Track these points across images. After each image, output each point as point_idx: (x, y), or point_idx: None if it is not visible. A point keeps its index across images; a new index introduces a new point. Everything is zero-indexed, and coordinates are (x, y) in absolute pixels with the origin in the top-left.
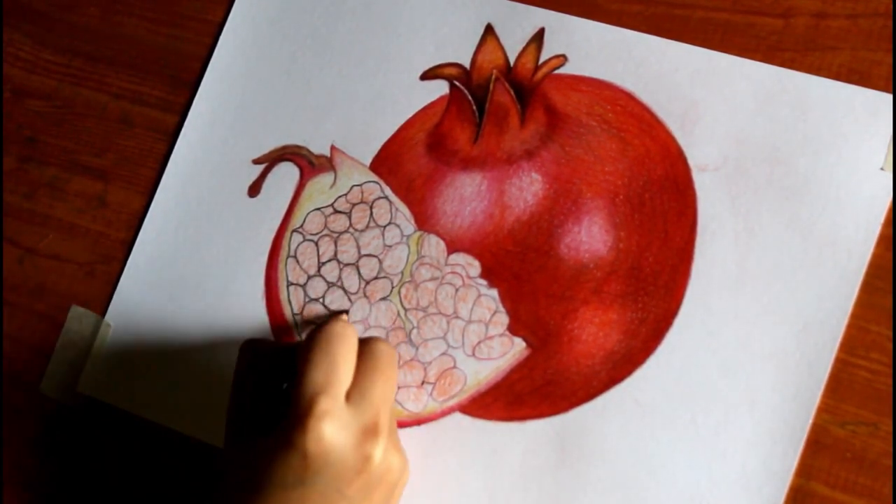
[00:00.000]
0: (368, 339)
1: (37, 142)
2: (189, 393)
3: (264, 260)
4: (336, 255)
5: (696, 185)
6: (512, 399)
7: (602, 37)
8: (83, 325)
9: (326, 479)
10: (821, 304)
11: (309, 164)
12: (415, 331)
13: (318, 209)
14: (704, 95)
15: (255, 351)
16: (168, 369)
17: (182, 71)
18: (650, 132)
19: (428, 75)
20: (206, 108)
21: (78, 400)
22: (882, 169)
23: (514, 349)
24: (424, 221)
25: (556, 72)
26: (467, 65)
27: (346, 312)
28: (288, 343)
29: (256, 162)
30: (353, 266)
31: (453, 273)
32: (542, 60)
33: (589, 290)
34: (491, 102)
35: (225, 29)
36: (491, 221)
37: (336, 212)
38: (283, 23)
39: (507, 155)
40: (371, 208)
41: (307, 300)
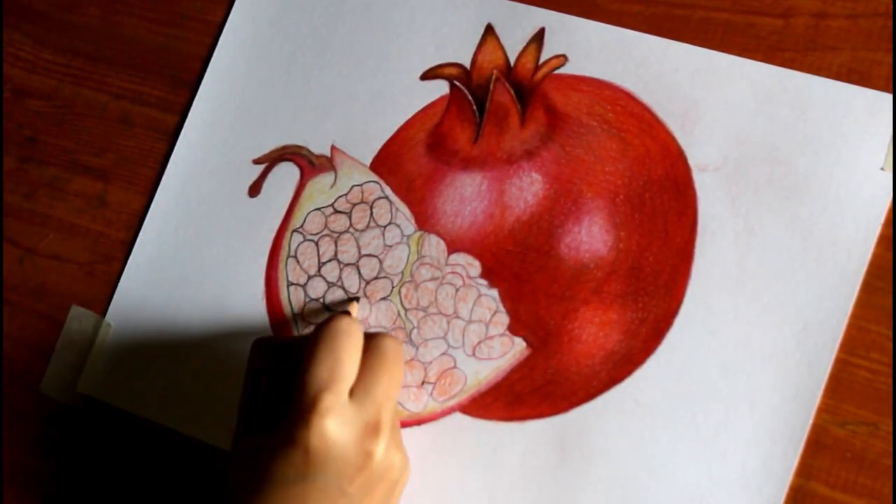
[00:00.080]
0: (375, 334)
1: (37, 142)
2: (189, 393)
3: (264, 260)
4: (336, 255)
5: (696, 185)
6: (512, 399)
7: (602, 37)
8: (83, 325)
9: (327, 475)
10: (821, 304)
11: (309, 164)
12: (415, 331)
13: (319, 209)
14: (704, 95)
15: (266, 347)
16: (168, 369)
17: (182, 71)
18: (650, 132)
19: (428, 75)
20: (206, 108)
21: (78, 400)
22: (882, 169)
23: (515, 349)
24: (425, 221)
25: (557, 72)
26: (467, 65)
27: (357, 300)
28: (298, 338)
29: (257, 162)
30: (353, 266)
31: (453, 273)
32: (542, 60)
33: (589, 290)
34: (491, 102)
35: (225, 29)
36: (491, 221)
37: (336, 212)
38: (283, 23)
39: (507, 155)
40: (371, 208)
41: (307, 300)
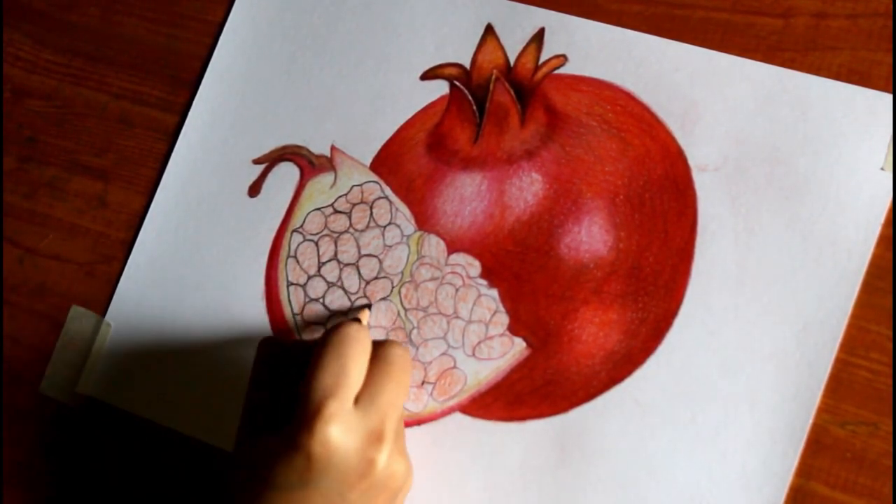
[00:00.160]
0: (384, 342)
1: (37, 142)
2: (189, 393)
3: (264, 260)
4: (336, 255)
5: (696, 185)
6: (512, 399)
7: (602, 37)
8: (83, 325)
9: (329, 481)
10: (821, 304)
11: (309, 164)
12: (415, 331)
13: (319, 209)
14: (704, 95)
15: (272, 348)
16: (168, 369)
17: (182, 71)
18: (650, 132)
19: (428, 75)
20: (206, 108)
21: (78, 400)
22: (882, 169)
23: (514, 349)
24: (424, 221)
25: (557, 72)
26: (467, 65)
27: (369, 307)
28: (305, 341)
29: (256, 162)
30: (353, 266)
31: (453, 273)
32: (542, 60)
33: (589, 290)
34: (491, 102)
35: (225, 29)
36: (491, 221)
37: (336, 212)
38: (283, 23)
39: (507, 155)
40: (371, 208)
41: (307, 300)
